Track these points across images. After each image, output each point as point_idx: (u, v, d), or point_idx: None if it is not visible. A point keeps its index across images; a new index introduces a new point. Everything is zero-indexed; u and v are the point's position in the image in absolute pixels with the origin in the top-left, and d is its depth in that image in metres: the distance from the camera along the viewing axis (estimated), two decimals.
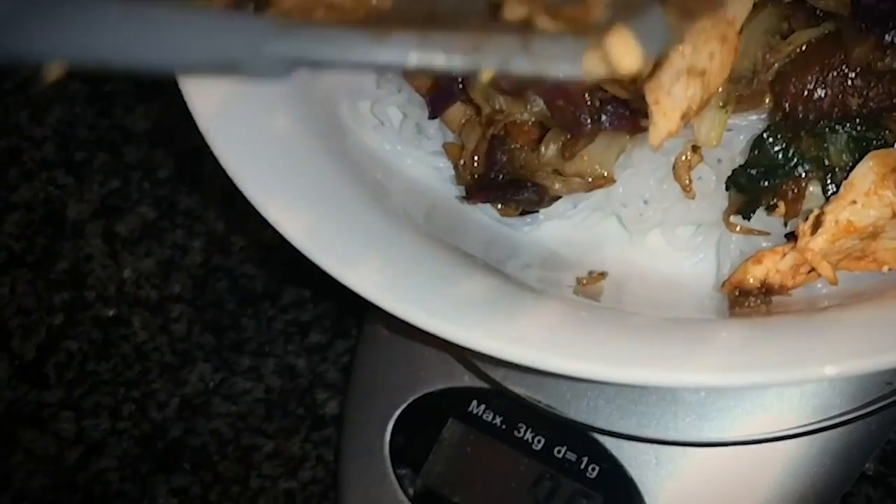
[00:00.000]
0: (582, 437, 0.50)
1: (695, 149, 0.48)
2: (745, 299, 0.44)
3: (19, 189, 0.67)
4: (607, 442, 0.50)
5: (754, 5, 0.43)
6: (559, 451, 0.51)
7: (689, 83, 0.41)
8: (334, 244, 0.40)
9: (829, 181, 0.45)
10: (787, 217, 0.46)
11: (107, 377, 0.60)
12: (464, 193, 0.48)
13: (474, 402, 0.52)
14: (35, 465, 0.58)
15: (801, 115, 0.44)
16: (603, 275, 0.47)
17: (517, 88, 0.45)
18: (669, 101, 0.41)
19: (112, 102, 0.68)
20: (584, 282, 0.46)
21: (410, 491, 0.51)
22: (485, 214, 0.49)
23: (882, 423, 0.52)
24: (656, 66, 0.42)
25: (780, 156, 0.45)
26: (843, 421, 0.50)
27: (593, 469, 0.50)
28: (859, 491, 0.54)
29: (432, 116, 0.49)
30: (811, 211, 0.44)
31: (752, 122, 0.47)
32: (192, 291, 0.63)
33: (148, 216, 0.66)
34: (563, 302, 0.43)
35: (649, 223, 0.48)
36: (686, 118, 0.42)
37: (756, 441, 0.49)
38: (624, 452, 0.50)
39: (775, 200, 0.46)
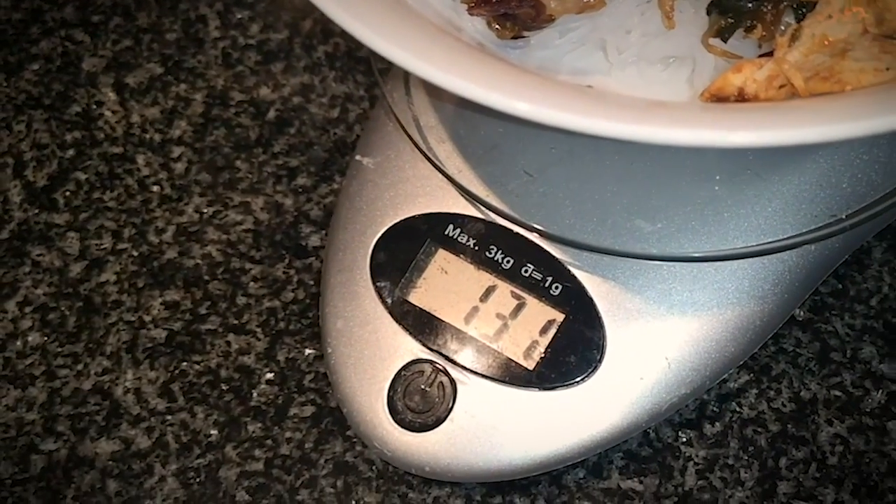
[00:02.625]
0: (547, 259, 0.52)
1: None
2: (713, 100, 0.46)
3: (39, 43, 0.68)
4: (571, 261, 0.52)
5: None
6: (526, 271, 0.53)
7: None
8: None
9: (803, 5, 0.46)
10: (763, 39, 0.47)
11: (111, 205, 0.61)
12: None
13: (450, 226, 0.53)
14: (41, 275, 0.59)
15: None
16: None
17: None
18: None
19: None
20: None
21: (388, 301, 0.53)
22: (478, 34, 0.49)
23: (828, 253, 0.54)
24: None
25: None
26: (790, 245, 0.52)
27: (556, 287, 0.53)
28: (790, 334, 0.56)
29: None
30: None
31: None
32: (193, 136, 0.64)
33: (155, 71, 0.67)
34: None
35: (630, 54, 0.50)
36: None
37: (710, 259, 0.52)
38: (584, 270, 0.52)
39: (753, 22, 0.48)
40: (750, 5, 0.46)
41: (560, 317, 0.51)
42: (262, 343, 0.56)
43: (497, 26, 0.49)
